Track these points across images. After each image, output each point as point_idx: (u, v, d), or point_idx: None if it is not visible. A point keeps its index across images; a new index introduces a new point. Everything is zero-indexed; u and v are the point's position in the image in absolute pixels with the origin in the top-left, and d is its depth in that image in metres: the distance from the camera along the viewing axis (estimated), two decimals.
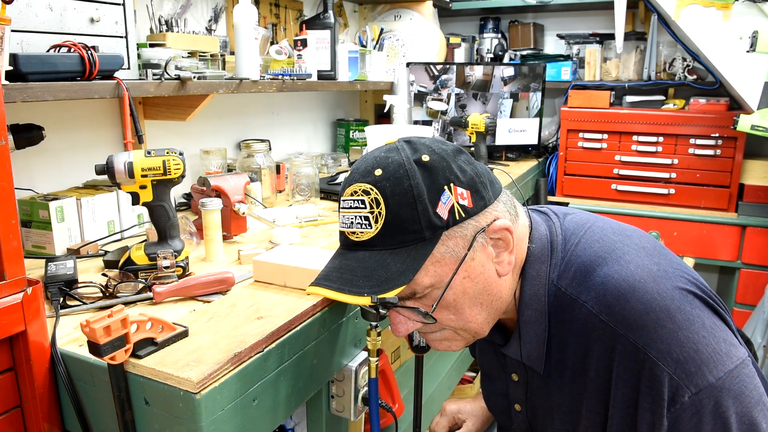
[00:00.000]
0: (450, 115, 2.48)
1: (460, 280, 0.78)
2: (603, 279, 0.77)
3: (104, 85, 1.16)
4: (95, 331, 0.67)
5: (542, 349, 0.84)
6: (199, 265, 1.16)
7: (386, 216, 0.75)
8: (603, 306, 0.76)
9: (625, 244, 0.81)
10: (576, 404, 0.83)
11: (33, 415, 0.82)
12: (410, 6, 2.63)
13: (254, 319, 0.89)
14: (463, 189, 0.76)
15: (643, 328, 0.73)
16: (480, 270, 0.79)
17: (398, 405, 1.45)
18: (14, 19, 1.03)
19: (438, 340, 0.85)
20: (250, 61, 1.57)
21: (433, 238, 0.75)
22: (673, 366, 0.72)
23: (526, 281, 0.83)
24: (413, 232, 0.75)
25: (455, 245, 0.76)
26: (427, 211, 0.74)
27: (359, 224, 0.77)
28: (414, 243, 0.75)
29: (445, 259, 0.76)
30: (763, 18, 2.24)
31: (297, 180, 1.70)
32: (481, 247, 0.78)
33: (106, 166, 1.04)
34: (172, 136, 1.72)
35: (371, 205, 0.75)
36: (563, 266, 0.82)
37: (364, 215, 0.76)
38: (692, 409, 0.72)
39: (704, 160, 2.40)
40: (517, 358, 0.88)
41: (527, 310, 0.83)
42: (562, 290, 0.81)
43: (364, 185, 0.76)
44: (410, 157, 0.76)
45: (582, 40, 2.78)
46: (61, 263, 1.05)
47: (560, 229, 0.86)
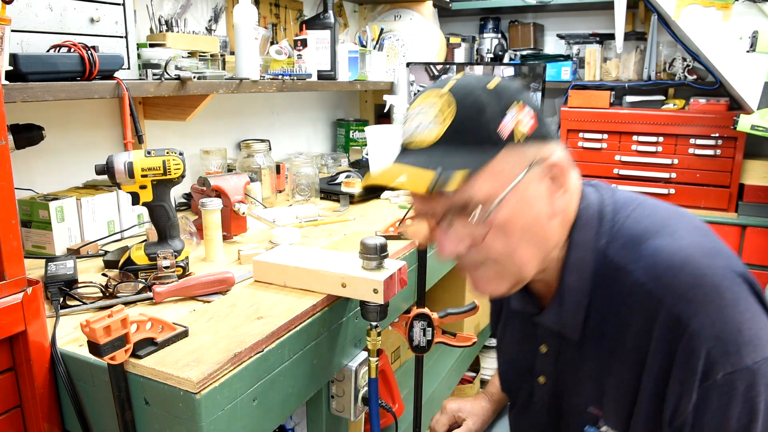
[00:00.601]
0: None
1: (513, 203, 0.77)
2: (654, 250, 0.76)
3: (104, 85, 1.16)
4: (95, 331, 0.67)
5: (581, 316, 0.83)
6: (199, 265, 1.16)
7: (452, 122, 0.76)
8: (651, 276, 0.75)
9: (678, 221, 0.81)
10: (607, 374, 0.82)
11: (33, 415, 0.82)
12: (410, 6, 2.62)
13: (254, 319, 0.89)
14: (529, 110, 0.77)
15: (690, 300, 0.72)
16: (532, 201, 0.78)
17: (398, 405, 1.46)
18: (14, 19, 1.03)
19: (482, 278, 0.83)
20: (250, 61, 1.57)
21: (494, 151, 0.75)
22: (713, 341, 0.71)
23: (573, 245, 0.83)
24: (475, 141, 0.75)
25: (513, 164, 0.76)
26: (490, 124, 0.75)
27: (422, 127, 0.78)
28: (477, 146, 0.75)
29: (502, 173, 0.76)
30: (763, 18, 2.24)
31: (297, 180, 1.70)
32: (537, 178, 0.78)
33: (106, 166, 1.04)
34: (172, 136, 1.72)
35: (439, 110, 0.77)
36: (612, 235, 0.81)
37: (431, 119, 0.77)
38: (724, 388, 0.71)
39: (704, 160, 2.40)
40: (552, 326, 0.87)
41: (571, 275, 0.83)
42: (609, 258, 0.80)
43: (434, 93, 0.78)
44: (480, 80, 0.78)
45: (582, 40, 2.78)
46: (61, 263, 1.05)
47: (611, 200, 0.85)
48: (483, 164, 0.75)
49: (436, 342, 1.12)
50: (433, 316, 1.11)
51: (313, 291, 0.99)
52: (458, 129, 0.75)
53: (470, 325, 2.03)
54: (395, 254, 1.18)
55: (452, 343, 1.13)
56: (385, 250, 0.96)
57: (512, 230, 0.78)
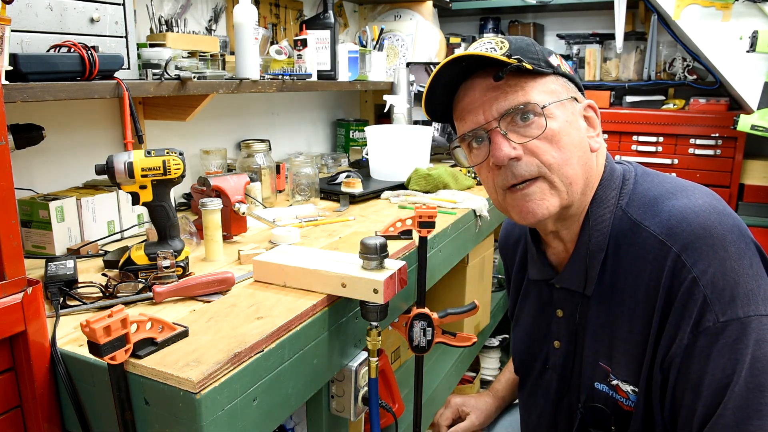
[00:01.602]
0: None
1: (563, 119, 0.85)
2: (670, 208, 0.82)
3: (104, 85, 1.16)
4: (95, 331, 0.67)
5: (596, 271, 0.88)
6: (199, 265, 1.16)
7: (509, 48, 0.86)
8: (665, 228, 0.81)
9: (695, 188, 0.87)
10: (618, 327, 0.86)
11: (33, 415, 0.82)
12: (410, 6, 2.62)
13: (254, 319, 0.89)
14: (565, 62, 0.90)
15: (696, 249, 0.77)
16: (577, 126, 0.87)
17: (398, 405, 1.45)
18: (14, 19, 1.03)
19: (534, 195, 0.87)
20: (250, 61, 1.57)
21: (546, 72, 0.86)
22: (710, 288, 0.75)
23: (595, 202, 0.88)
24: (533, 59, 0.85)
25: (561, 89, 0.87)
26: (543, 53, 0.86)
27: (487, 48, 0.87)
28: (532, 63, 0.85)
29: (554, 92, 0.86)
30: (763, 18, 2.24)
31: (297, 180, 1.70)
32: (577, 113, 0.88)
33: (106, 166, 1.04)
34: (172, 136, 1.72)
35: (496, 42, 0.87)
36: (633, 196, 0.87)
37: (491, 46, 0.87)
38: (713, 336, 0.74)
39: (704, 160, 2.40)
40: (569, 285, 0.92)
41: (591, 230, 0.88)
42: (628, 215, 0.86)
43: (489, 36, 0.91)
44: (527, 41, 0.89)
45: (582, 40, 2.78)
46: (61, 263, 1.05)
47: (634, 168, 0.93)
48: (544, 73, 0.85)
49: (436, 342, 1.12)
50: (433, 316, 1.11)
51: (313, 291, 0.99)
52: (517, 50, 0.85)
53: (470, 325, 2.03)
54: (395, 254, 1.18)
55: (452, 343, 1.13)
56: (385, 250, 0.96)
57: (563, 142, 0.85)
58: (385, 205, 1.69)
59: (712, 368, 0.74)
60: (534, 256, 0.99)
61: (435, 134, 2.46)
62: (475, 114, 0.86)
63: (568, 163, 0.84)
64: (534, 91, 0.84)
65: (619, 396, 0.86)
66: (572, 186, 0.86)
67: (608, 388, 0.88)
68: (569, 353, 0.96)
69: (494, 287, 2.49)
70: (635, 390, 0.84)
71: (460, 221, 1.56)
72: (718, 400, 0.74)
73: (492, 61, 0.83)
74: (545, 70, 0.85)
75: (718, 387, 0.74)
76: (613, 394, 0.87)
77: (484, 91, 0.85)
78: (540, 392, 1.02)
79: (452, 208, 1.60)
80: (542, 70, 0.85)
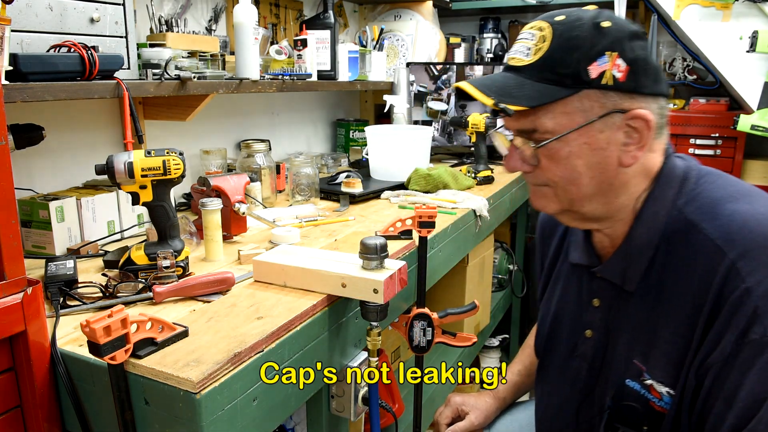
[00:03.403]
0: (450, 115, 2.48)
1: (579, 143, 0.82)
2: (731, 212, 0.79)
3: (104, 85, 1.16)
4: (95, 331, 0.67)
5: (642, 268, 0.86)
6: (199, 265, 1.16)
7: (545, 52, 0.81)
8: (723, 232, 0.78)
9: (759, 194, 0.84)
10: (660, 327, 0.84)
11: (33, 415, 0.82)
12: (410, 6, 2.62)
13: (254, 319, 0.89)
14: (623, 62, 0.80)
15: (753, 259, 0.75)
16: (602, 146, 0.82)
17: (398, 405, 1.46)
18: (14, 19, 1.03)
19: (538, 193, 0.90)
20: (250, 61, 1.57)
21: (574, 89, 0.80)
22: (762, 301, 0.73)
23: (651, 199, 0.86)
24: (559, 75, 0.80)
25: (590, 107, 0.81)
26: (580, 63, 0.79)
27: (521, 52, 0.84)
28: (555, 84, 0.80)
29: (574, 113, 0.81)
30: (763, 18, 2.24)
31: (297, 180, 1.70)
32: (613, 126, 0.82)
33: (106, 166, 1.04)
34: (172, 136, 1.72)
35: (538, 40, 0.82)
36: (693, 196, 0.84)
37: (528, 46, 0.83)
38: (756, 350, 0.73)
39: (704, 160, 2.38)
40: (611, 278, 0.90)
41: (642, 227, 0.86)
42: (684, 215, 0.83)
43: (543, 23, 0.83)
44: (593, 17, 0.81)
45: None
46: (61, 263, 1.05)
47: (696, 168, 0.89)
48: (555, 100, 0.80)
49: (436, 342, 1.12)
50: (433, 316, 1.11)
51: (313, 291, 0.99)
52: (547, 62, 0.81)
53: (470, 325, 2.03)
54: (395, 254, 1.18)
55: (452, 343, 1.13)
56: (385, 250, 0.96)
57: (572, 164, 0.83)
58: (385, 205, 1.69)
59: (751, 381, 0.73)
60: (579, 240, 0.98)
61: (435, 134, 2.46)
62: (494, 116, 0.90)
63: (575, 183, 0.84)
64: (546, 117, 0.81)
65: (652, 396, 0.85)
66: (578, 201, 0.85)
67: (641, 386, 0.87)
68: (601, 345, 0.94)
69: (494, 287, 2.50)
70: (671, 392, 0.83)
71: (460, 221, 1.56)
72: (752, 414, 0.73)
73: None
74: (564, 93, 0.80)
75: (754, 401, 0.73)
76: (645, 393, 0.86)
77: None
78: (566, 379, 1.00)
79: (452, 208, 1.60)
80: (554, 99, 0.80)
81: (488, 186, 1.98)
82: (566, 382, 1.01)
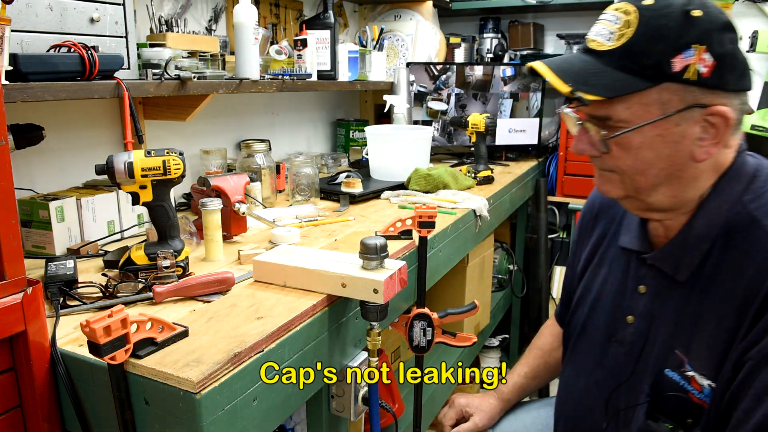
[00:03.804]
0: (450, 115, 2.48)
1: (653, 134, 0.80)
2: None
3: (104, 85, 1.16)
4: (95, 331, 0.67)
5: (697, 260, 0.85)
6: (199, 265, 1.16)
7: (628, 39, 0.78)
8: None
9: None
10: (708, 319, 0.83)
11: (33, 415, 0.82)
12: (410, 6, 2.62)
13: (254, 319, 0.89)
14: (710, 57, 0.77)
15: None
16: (676, 139, 0.80)
17: (398, 405, 1.46)
18: (14, 19, 1.03)
19: (604, 177, 0.88)
20: (250, 61, 1.57)
21: (654, 81, 0.77)
22: None
23: (715, 193, 0.84)
24: (640, 66, 0.78)
25: (668, 100, 0.78)
26: (664, 55, 0.76)
27: (602, 35, 0.81)
28: (635, 74, 0.78)
29: (651, 105, 0.79)
30: (763, 18, 2.24)
31: (297, 180, 1.70)
32: (690, 121, 0.79)
33: (106, 166, 1.04)
34: (172, 136, 1.72)
35: (622, 25, 0.79)
36: (761, 193, 0.83)
37: (612, 30, 0.80)
38: None
39: None
40: (662, 266, 0.89)
41: (702, 219, 0.85)
42: (749, 211, 0.82)
43: (629, 6, 0.80)
44: (684, 4, 0.78)
45: (582, 40, 2.78)
46: (61, 263, 1.05)
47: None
48: (632, 91, 0.78)
49: (436, 342, 1.12)
50: (433, 316, 1.11)
51: (313, 291, 0.99)
52: (629, 50, 0.78)
53: (470, 325, 2.03)
54: (395, 254, 1.18)
55: (452, 343, 1.13)
56: (385, 250, 0.96)
57: (642, 155, 0.81)
58: (385, 205, 1.69)
59: None
60: (634, 225, 0.97)
61: (435, 134, 2.46)
62: (568, 102, 0.87)
63: (643, 174, 0.82)
64: (621, 106, 0.79)
65: (692, 387, 0.84)
66: (644, 191, 0.84)
67: (681, 377, 0.86)
68: (642, 332, 0.93)
69: (494, 287, 2.50)
70: (712, 385, 0.82)
71: (460, 221, 1.56)
72: None
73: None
74: (642, 85, 0.77)
75: None
76: (684, 385, 0.85)
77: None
78: (600, 363, 0.99)
79: (452, 208, 1.60)
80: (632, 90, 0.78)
81: (488, 186, 1.98)
82: (600, 365, 0.99)
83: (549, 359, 1.26)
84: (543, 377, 1.27)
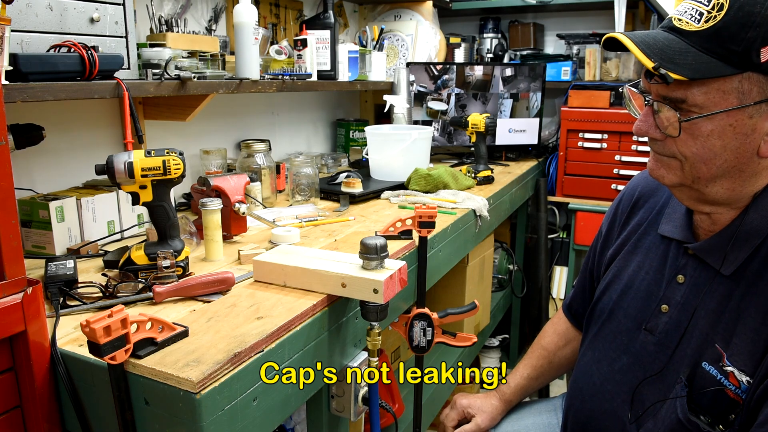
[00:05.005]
0: (450, 115, 2.48)
1: (724, 123, 0.78)
2: None
3: (104, 85, 1.16)
4: (95, 331, 0.67)
5: (746, 253, 0.84)
6: (199, 265, 1.16)
7: (718, 22, 0.76)
8: None
9: None
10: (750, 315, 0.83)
11: (33, 415, 0.82)
12: (410, 6, 2.62)
13: (254, 319, 0.89)
14: None
15: None
16: (747, 131, 0.78)
17: (398, 405, 1.46)
18: (14, 19, 1.03)
19: (661, 162, 0.86)
20: (250, 61, 1.57)
21: (737, 69, 0.76)
22: None
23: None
24: (727, 51, 0.75)
25: (748, 90, 0.77)
26: (753, 43, 0.74)
27: (691, 15, 0.79)
28: (720, 59, 0.76)
29: (730, 92, 0.77)
30: None
31: (297, 180, 1.70)
32: (765, 114, 0.78)
33: (106, 166, 1.04)
34: (172, 136, 1.72)
35: (713, 7, 0.77)
36: None
37: (701, 11, 0.78)
38: None
39: None
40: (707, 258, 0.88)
41: (756, 214, 0.84)
42: None
43: None
44: None
45: (582, 40, 2.78)
46: (61, 263, 1.05)
47: None
48: (717, 76, 0.76)
49: (436, 342, 1.13)
50: (433, 316, 1.11)
51: (313, 291, 0.99)
52: (718, 34, 0.76)
53: (470, 325, 2.03)
54: (395, 254, 1.18)
55: (452, 343, 1.13)
56: (385, 250, 0.96)
57: (710, 144, 0.79)
58: (385, 205, 1.69)
59: None
60: (679, 214, 0.95)
61: (435, 134, 2.46)
62: (647, 78, 0.84)
63: (707, 163, 0.80)
64: (698, 90, 0.77)
65: (729, 383, 0.83)
66: (700, 182, 0.82)
67: (718, 372, 0.85)
68: (677, 323, 0.91)
69: (494, 287, 2.50)
70: (750, 381, 0.82)
71: (460, 221, 1.56)
72: None
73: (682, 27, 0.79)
74: (727, 72, 0.75)
75: None
76: (722, 379, 0.84)
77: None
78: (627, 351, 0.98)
79: (452, 208, 1.60)
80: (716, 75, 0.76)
81: (488, 186, 1.98)
82: (626, 352, 0.98)
83: (553, 359, 1.25)
84: (546, 377, 1.26)
